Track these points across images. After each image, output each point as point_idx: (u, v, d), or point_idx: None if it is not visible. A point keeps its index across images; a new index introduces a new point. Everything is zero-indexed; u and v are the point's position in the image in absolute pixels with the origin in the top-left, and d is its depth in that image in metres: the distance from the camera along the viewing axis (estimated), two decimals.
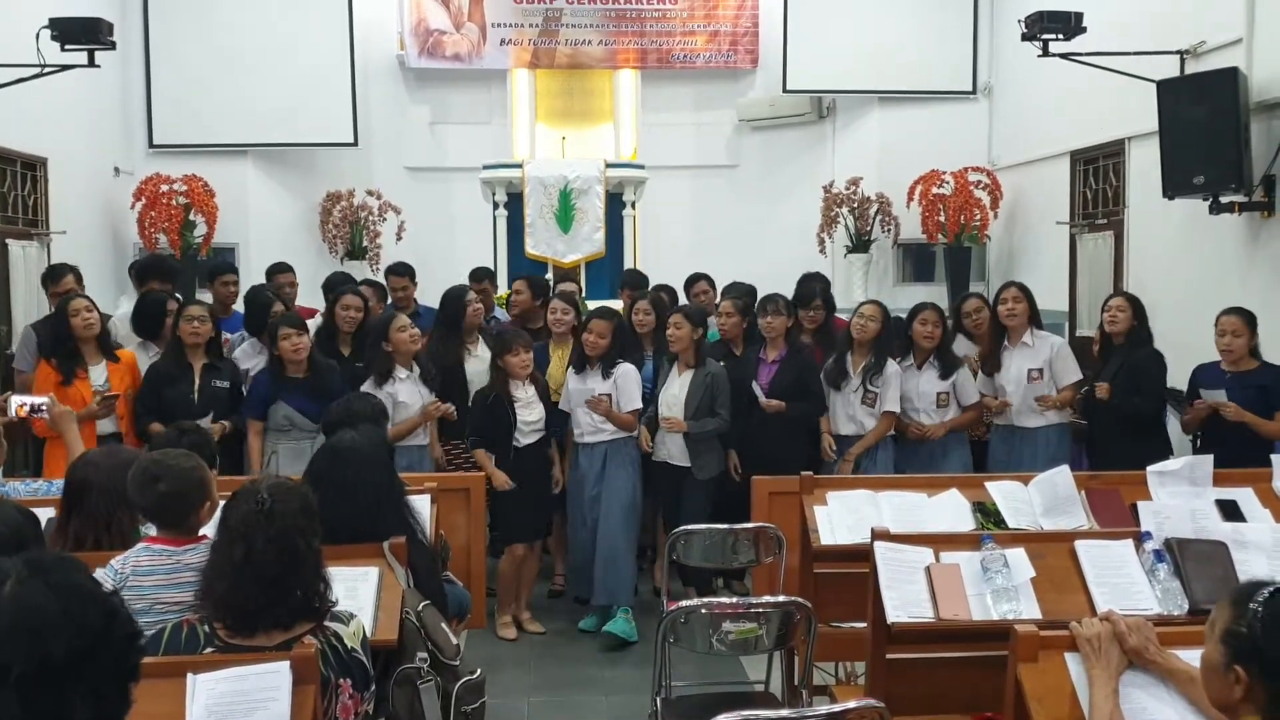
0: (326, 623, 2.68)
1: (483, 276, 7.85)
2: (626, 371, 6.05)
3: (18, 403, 4.61)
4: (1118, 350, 6.09)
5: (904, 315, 6.44)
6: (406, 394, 5.88)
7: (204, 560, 2.78)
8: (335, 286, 7.02)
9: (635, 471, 6.13)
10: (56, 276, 6.65)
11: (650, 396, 6.23)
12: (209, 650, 2.60)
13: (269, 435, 5.85)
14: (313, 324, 6.74)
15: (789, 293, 6.69)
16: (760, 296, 6.57)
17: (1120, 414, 5.92)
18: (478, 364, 6.40)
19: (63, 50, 7.18)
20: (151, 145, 10.35)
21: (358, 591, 3.16)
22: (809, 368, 6.24)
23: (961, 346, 6.51)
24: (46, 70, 7.13)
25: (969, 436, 6.40)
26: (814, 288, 6.80)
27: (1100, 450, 6.06)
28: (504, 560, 6.07)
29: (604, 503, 6.03)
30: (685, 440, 6.06)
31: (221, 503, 2.89)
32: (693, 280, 7.79)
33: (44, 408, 4.60)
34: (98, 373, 5.82)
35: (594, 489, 6.05)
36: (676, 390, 6.10)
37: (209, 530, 3.15)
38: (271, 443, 5.82)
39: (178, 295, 6.74)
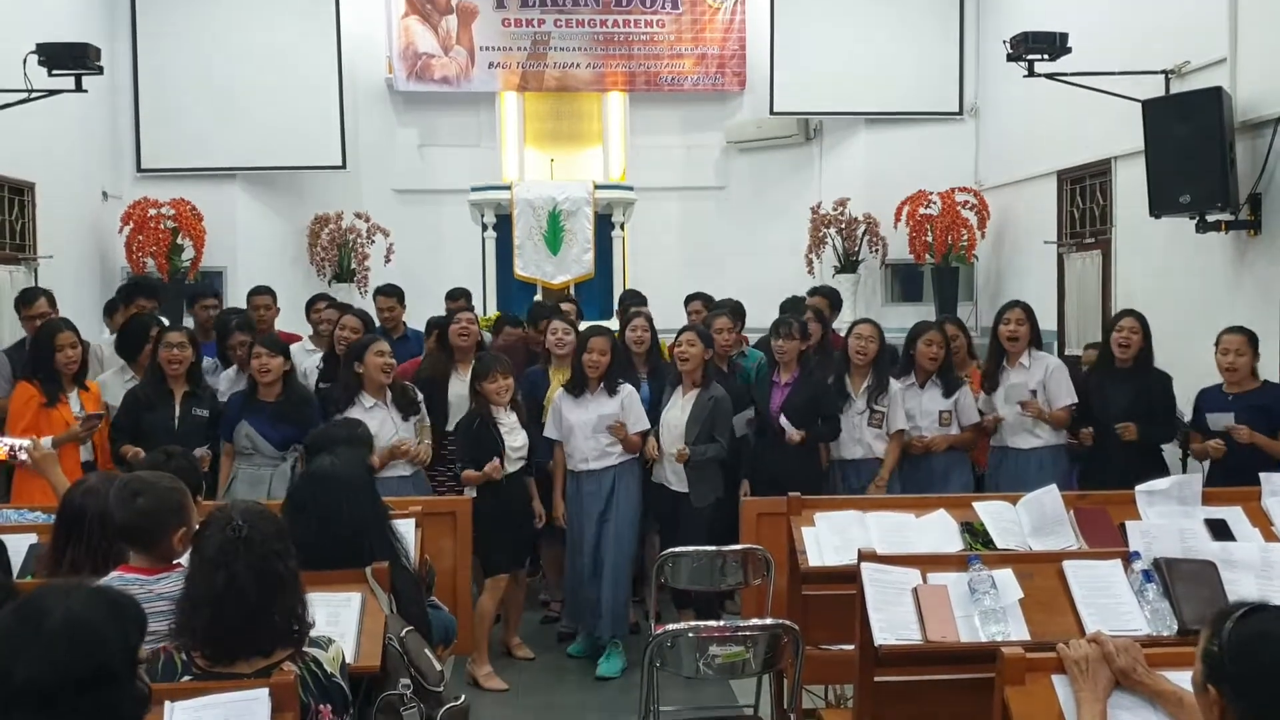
0: (305, 648, 2.65)
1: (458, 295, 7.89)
2: (631, 392, 5.93)
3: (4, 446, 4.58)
4: (1126, 375, 5.91)
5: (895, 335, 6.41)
6: (374, 422, 5.44)
7: (177, 589, 2.75)
8: (313, 305, 7.01)
9: (640, 499, 6.00)
10: (30, 299, 6.56)
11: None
12: (187, 678, 2.57)
13: (235, 458, 5.71)
14: (296, 348, 6.74)
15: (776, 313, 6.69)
16: (774, 320, 6.46)
17: (1141, 442, 5.76)
18: (461, 386, 6.20)
19: (50, 75, 7.17)
20: (139, 169, 10.34)
21: (340, 617, 3.13)
22: (822, 390, 6.10)
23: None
24: (34, 95, 7.13)
25: (973, 461, 6.29)
26: (801, 303, 6.83)
27: (1095, 471, 5.89)
28: (485, 597, 5.72)
29: (614, 531, 5.86)
30: (685, 467, 5.91)
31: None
32: (689, 300, 7.70)
33: (25, 450, 4.55)
34: (73, 399, 5.76)
35: (599, 517, 5.87)
36: (679, 412, 5.96)
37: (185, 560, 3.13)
38: (235, 466, 5.67)
39: (161, 319, 6.65)
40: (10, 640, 1.92)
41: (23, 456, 4.55)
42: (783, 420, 5.97)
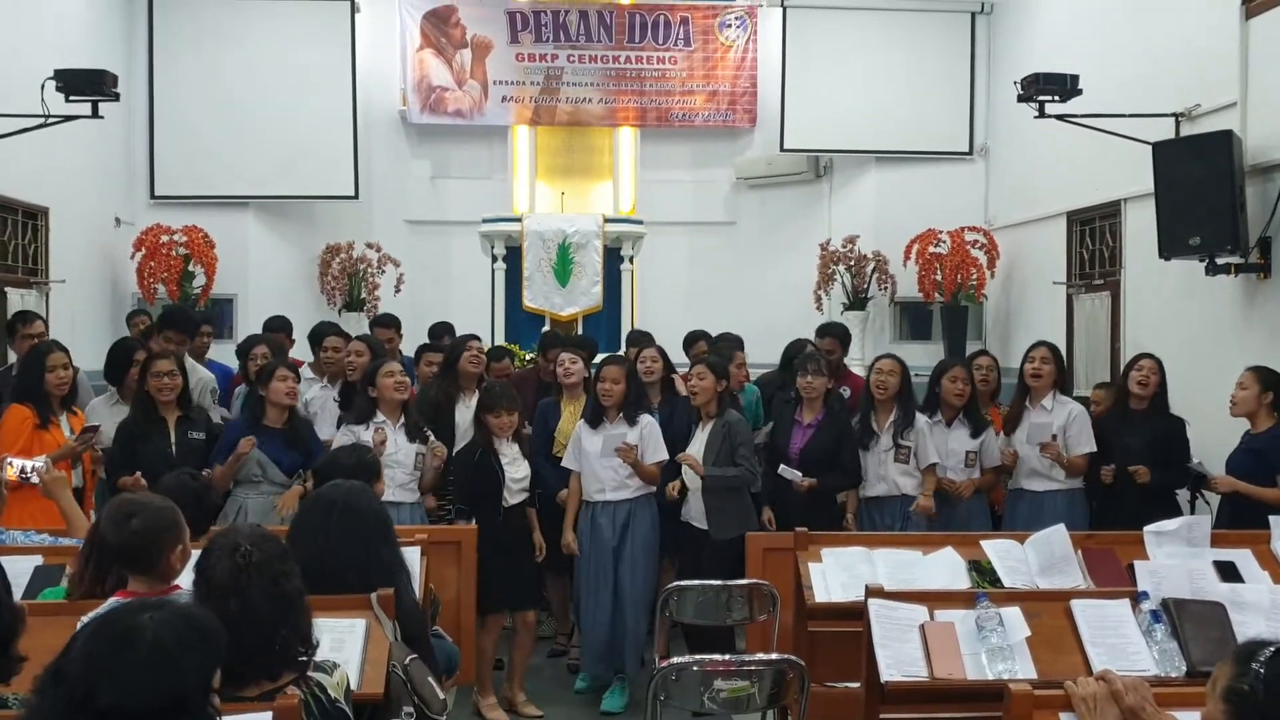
0: (309, 673, 2.64)
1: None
2: (651, 423, 5.83)
3: (9, 465, 4.56)
4: (1141, 417, 5.89)
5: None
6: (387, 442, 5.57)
7: None
8: (319, 336, 6.99)
9: (656, 532, 5.86)
10: (28, 319, 6.48)
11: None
12: None
13: (237, 487, 5.51)
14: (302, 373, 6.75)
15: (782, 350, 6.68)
16: (802, 354, 6.36)
17: (1154, 488, 5.72)
18: (468, 413, 6.14)
19: (67, 101, 7.22)
20: (153, 196, 10.40)
21: (344, 643, 3.11)
22: (845, 435, 5.93)
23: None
24: (50, 121, 7.18)
25: (992, 505, 6.19)
26: (805, 344, 6.79)
27: (1107, 514, 5.82)
28: (483, 635, 5.52)
29: (626, 570, 5.75)
30: (704, 497, 5.79)
31: (195, 555, 2.83)
32: (692, 339, 7.66)
33: (36, 472, 4.54)
34: (63, 423, 5.67)
35: (614, 550, 5.76)
36: (698, 446, 5.86)
37: (182, 581, 3.11)
38: (240, 496, 5.49)
39: (150, 346, 6.44)
40: (97, 662, 1.91)
41: (34, 479, 4.55)
42: (783, 470, 5.85)
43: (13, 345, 6.47)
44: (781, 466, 5.90)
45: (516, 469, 5.70)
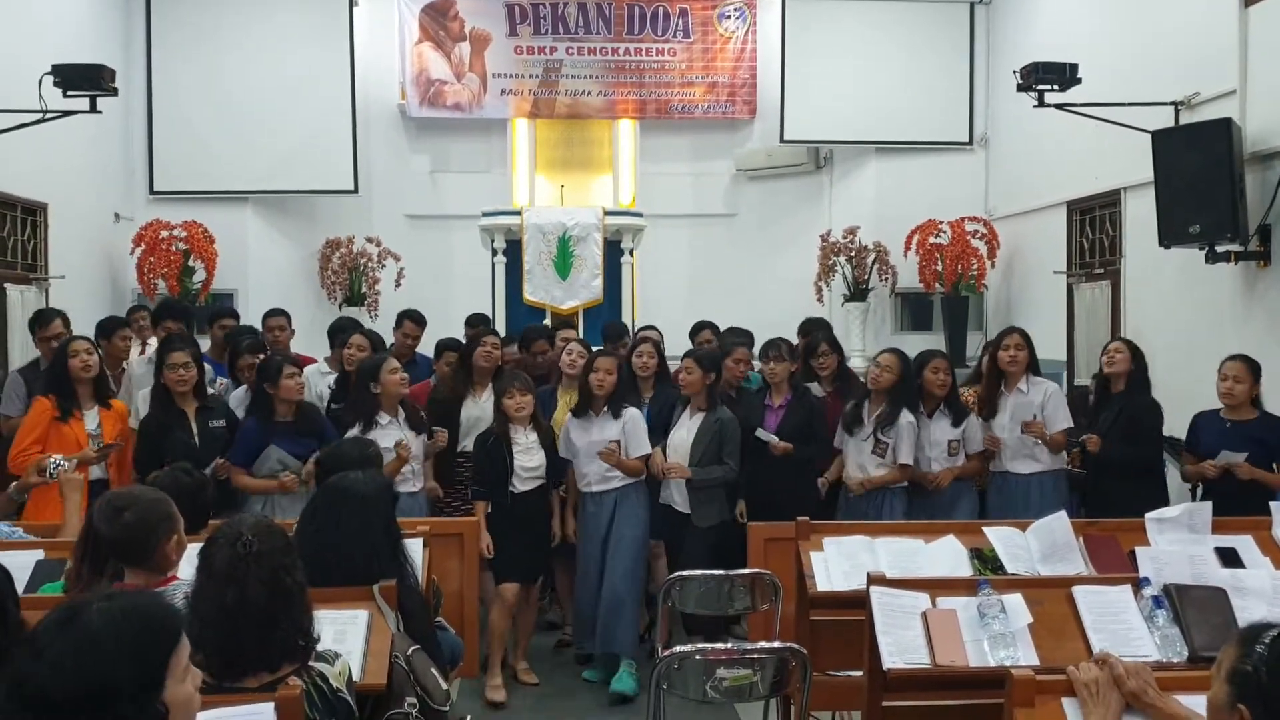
0: (311, 663, 2.63)
1: (477, 323, 7.88)
2: (635, 416, 5.94)
3: (50, 461, 4.70)
4: (1115, 398, 6.03)
5: None
6: (389, 440, 5.67)
7: (176, 603, 2.74)
8: (341, 331, 7.01)
9: (645, 519, 5.98)
10: (45, 321, 6.57)
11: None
12: None
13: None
14: (312, 369, 6.78)
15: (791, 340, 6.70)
16: (764, 342, 6.54)
17: (1116, 462, 5.86)
18: (475, 409, 6.31)
19: (65, 96, 7.22)
20: (152, 191, 10.40)
21: (347, 635, 3.11)
22: (815, 412, 6.21)
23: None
24: (49, 116, 7.17)
25: (976, 486, 6.28)
26: (817, 335, 6.80)
27: (1096, 497, 5.97)
28: (494, 609, 5.80)
29: (612, 551, 5.88)
30: (687, 487, 5.97)
31: (195, 547, 2.83)
32: (697, 329, 7.74)
33: (60, 469, 4.62)
34: (90, 417, 5.74)
35: (603, 538, 5.90)
36: (685, 434, 6.01)
37: (183, 571, 3.11)
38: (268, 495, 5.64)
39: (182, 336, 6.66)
40: (34, 647, 1.85)
41: (54, 472, 4.62)
42: (760, 433, 6.04)
43: (38, 347, 6.54)
44: (758, 430, 6.07)
45: (529, 458, 5.84)
